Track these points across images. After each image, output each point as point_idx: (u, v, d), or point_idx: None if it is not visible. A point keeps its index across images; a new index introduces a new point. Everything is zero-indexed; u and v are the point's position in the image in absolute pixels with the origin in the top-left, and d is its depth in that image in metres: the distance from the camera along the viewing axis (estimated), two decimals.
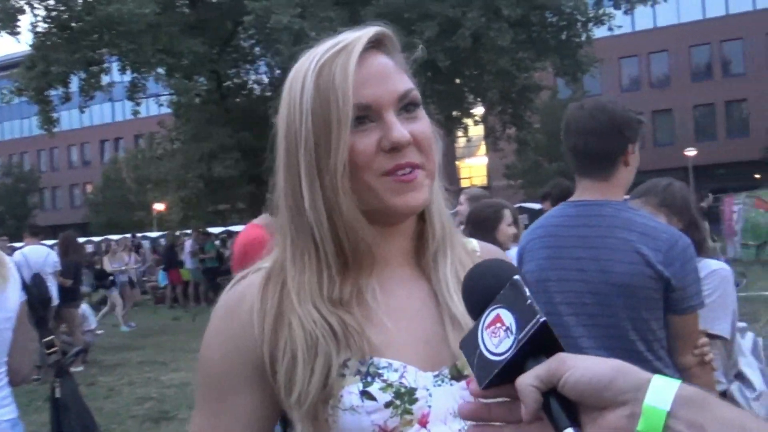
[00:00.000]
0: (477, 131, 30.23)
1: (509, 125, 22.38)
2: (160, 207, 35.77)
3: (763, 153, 40.13)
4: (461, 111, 22.42)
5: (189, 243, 20.52)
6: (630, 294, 2.32)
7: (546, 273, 2.50)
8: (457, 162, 49.89)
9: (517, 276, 0.84)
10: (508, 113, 22.12)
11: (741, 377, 3.05)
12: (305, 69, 1.09)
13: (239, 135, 20.02)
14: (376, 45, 1.11)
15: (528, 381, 0.75)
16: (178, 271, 20.12)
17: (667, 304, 2.34)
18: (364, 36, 1.09)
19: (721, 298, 2.93)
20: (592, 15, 20.34)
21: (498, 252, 1.31)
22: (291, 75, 1.12)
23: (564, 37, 20.37)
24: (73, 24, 18.99)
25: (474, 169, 50.04)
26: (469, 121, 23.41)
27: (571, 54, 20.29)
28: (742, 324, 3.17)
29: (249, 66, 22.59)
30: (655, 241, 2.33)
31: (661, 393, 0.69)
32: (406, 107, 1.10)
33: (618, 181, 2.50)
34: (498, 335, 0.80)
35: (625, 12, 20.96)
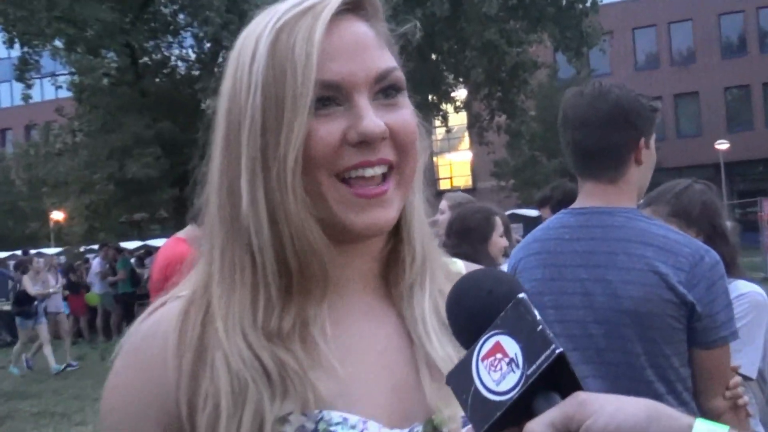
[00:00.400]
0: (459, 120, 30.37)
1: (498, 112, 22.49)
2: (58, 216, 35.27)
3: None
4: (439, 95, 22.48)
5: (96, 262, 20.28)
6: (645, 323, 2.32)
7: (542, 298, 2.49)
8: (435, 158, 50.01)
9: (523, 294, 0.83)
10: (496, 98, 22.23)
11: None
12: (259, 31, 1.06)
13: (159, 125, 19.85)
14: (353, 8, 1.09)
15: (540, 429, 0.74)
16: (82, 297, 19.85)
17: (692, 335, 2.34)
18: None
19: (748, 328, 2.95)
20: None
21: None
22: (241, 38, 1.10)
23: (564, 3, 20.54)
24: None
25: (456, 167, 50.19)
26: (449, 108, 23.51)
27: (574, 24, 20.46)
28: None
29: (171, 38, 22.43)
30: (676, 258, 2.33)
31: None
32: (384, 91, 1.08)
33: (628, 184, 2.50)
34: (499, 369, 0.79)
35: None
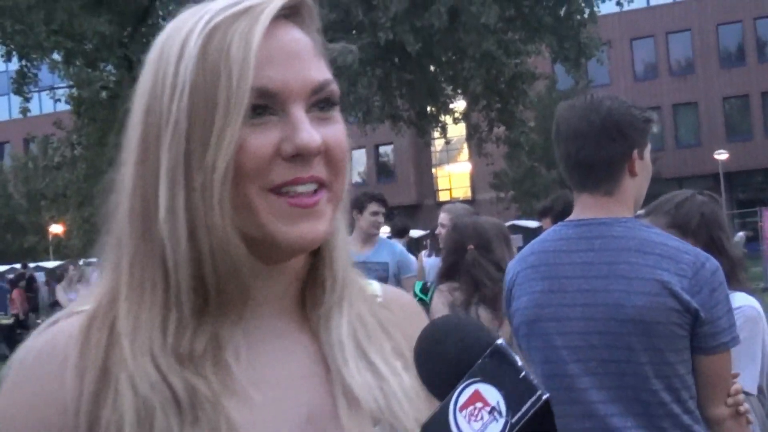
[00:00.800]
0: (458, 131, 30.40)
1: (497, 123, 22.53)
2: (57, 229, 35.36)
3: None
4: (437, 106, 22.53)
5: (96, 275, 20.25)
6: (651, 331, 2.32)
7: (542, 310, 2.49)
8: (434, 170, 50.16)
9: (501, 340, 0.83)
10: (495, 108, 22.26)
11: None
12: (188, 28, 1.00)
13: None
14: (290, 15, 1.03)
15: None
16: None
17: (694, 341, 2.35)
18: (277, 0, 1.01)
19: (744, 344, 2.93)
20: None
21: (407, 298, 1.27)
22: (164, 35, 1.03)
23: (563, 14, 20.61)
24: None
25: (455, 179, 50.35)
26: (448, 119, 23.53)
27: (572, 34, 20.53)
28: None
29: None
30: (678, 265, 2.34)
31: None
32: (319, 104, 1.03)
33: (624, 196, 2.51)
34: (480, 418, 0.79)
35: None
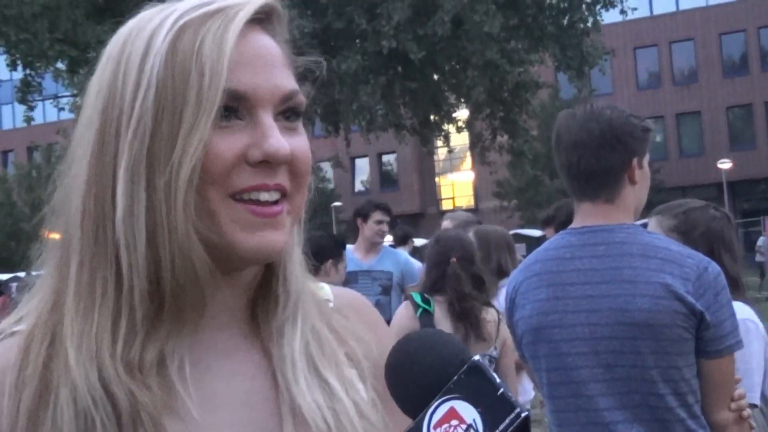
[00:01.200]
0: (461, 140, 30.42)
1: (500, 132, 22.52)
2: None
3: None
4: (440, 115, 22.51)
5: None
6: (657, 335, 2.33)
7: (547, 318, 2.49)
8: (437, 178, 50.16)
9: (478, 357, 0.83)
10: (498, 117, 22.25)
11: None
12: (155, 24, 0.97)
13: None
14: (262, 21, 1.02)
15: None
16: None
17: (700, 345, 2.35)
18: (251, 2, 0.99)
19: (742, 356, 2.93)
20: None
21: (359, 299, 1.23)
22: (126, 29, 1.00)
23: (566, 23, 20.61)
24: None
25: (458, 188, 50.33)
26: (451, 128, 23.52)
27: (575, 43, 20.52)
28: None
29: None
30: (682, 268, 2.35)
31: None
32: (286, 113, 1.00)
33: (624, 204, 2.52)
34: None
35: None
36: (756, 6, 43.82)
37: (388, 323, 1.40)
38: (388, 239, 7.38)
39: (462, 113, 23.83)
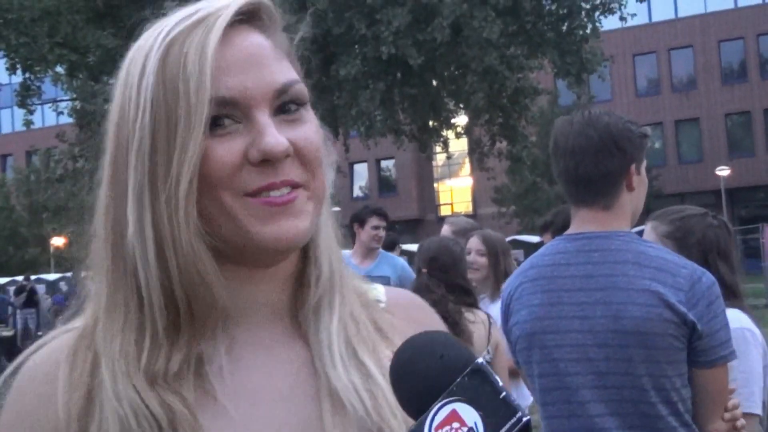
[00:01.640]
0: (460, 146, 30.43)
1: (499, 138, 22.54)
2: (59, 242, 35.33)
3: None
4: (439, 120, 22.54)
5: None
6: (648, 343, 2.33)
7: (541, 323, 2.49)
8: (436, 184, 50.14)
9: (481, 359, 0.82)
10: (497, 123, 22.27)
11: None
12: (149, 45, 0.99)
13: None
14: (248, 19, 1.02)
15: None
16: None
17: (693, 355, 2.35)
18: (231, 5, 0.99)
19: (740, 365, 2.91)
20: (599, 1, 20.65)
21: (410, 297, 1.23)
22: (131, 52, 1.03)
23: (565, 29, 20.64)
24: None
25: (456, 193, 50.29)
26: (450, 133, 23.53)
27: (574, 50, 20.54)
28: None
29: None
30: (675, 278, 2.35)
31: None
32: (284, 106, 1.01)
33: (622, 210, 2.53)
34: None
35: None
36: (755, 13, 43.90)
37: None
38: None
39: (461, 119, 23.85)
